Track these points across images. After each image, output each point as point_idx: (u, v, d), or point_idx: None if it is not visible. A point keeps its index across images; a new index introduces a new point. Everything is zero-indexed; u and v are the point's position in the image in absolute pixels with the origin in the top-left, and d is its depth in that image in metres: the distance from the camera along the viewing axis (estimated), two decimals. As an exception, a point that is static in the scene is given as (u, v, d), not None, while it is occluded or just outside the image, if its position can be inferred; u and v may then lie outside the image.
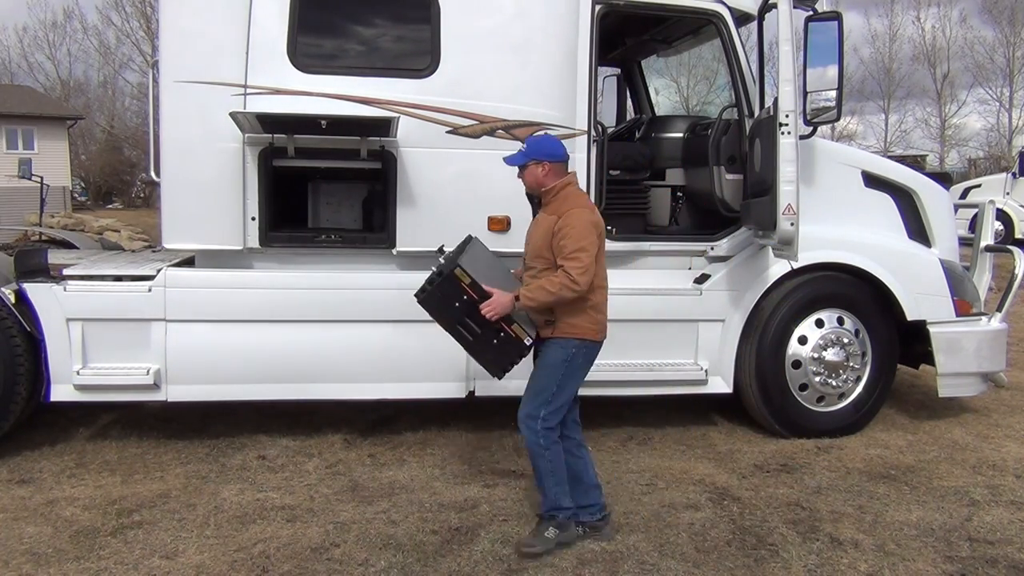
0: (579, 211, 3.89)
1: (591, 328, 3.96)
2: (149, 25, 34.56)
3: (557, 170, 4.01)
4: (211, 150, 5.09)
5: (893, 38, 43.86)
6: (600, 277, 3.97)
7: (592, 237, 3.86)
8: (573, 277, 3.79)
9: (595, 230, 3.89)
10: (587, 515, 4.09)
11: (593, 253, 3.85)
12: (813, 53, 5.11)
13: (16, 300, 5.01)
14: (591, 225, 3.87)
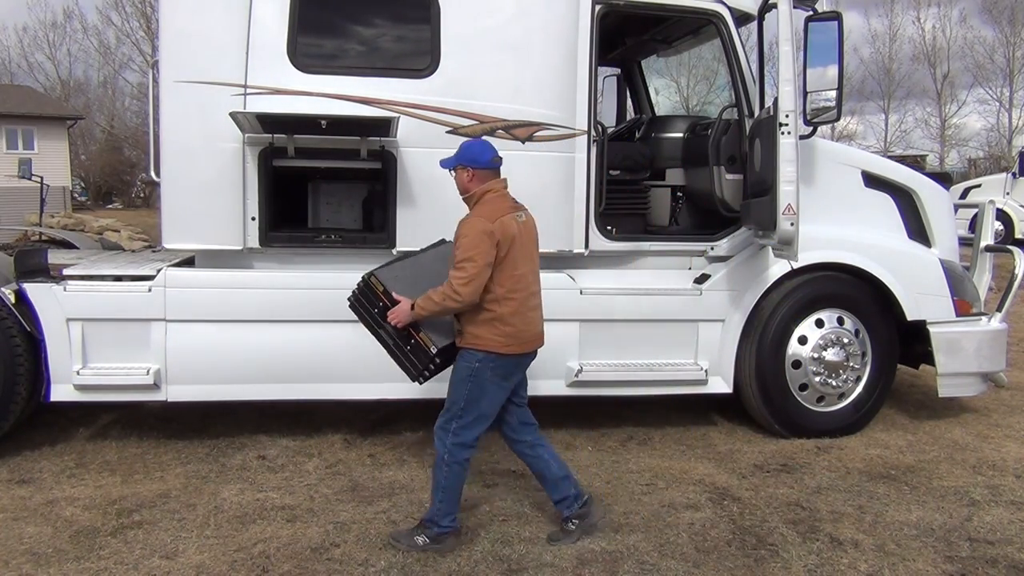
0: (475, 220, 3.80)
1: (496, 341, 3.81)
2: (149, 25, 34.56)
3: (481, 176, 3.95)
4: (211, 150, 5.09)
5: (893, 38, 43.93)
6: (509, 288, 3.80)
7: (483, 247, 3.71)
8: (455, 287, 3.72)
9: (488, 240, 3.72)
10: (566, 508, 4.09)
11: (482, 264, 3.71)
12: (813, 53, 5.11)
13: (16, 300, 5.01)
14: (483, 235, 3.72)
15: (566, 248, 5.45)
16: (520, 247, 3.83)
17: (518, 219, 3.88)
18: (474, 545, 4.01)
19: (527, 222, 3.95)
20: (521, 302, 3.85)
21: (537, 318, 3.96)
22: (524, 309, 3.86)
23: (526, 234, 3.91)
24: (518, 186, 5.29)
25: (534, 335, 3.94)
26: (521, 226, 3.88)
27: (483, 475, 4.94)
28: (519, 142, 5.28)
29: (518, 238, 3.82)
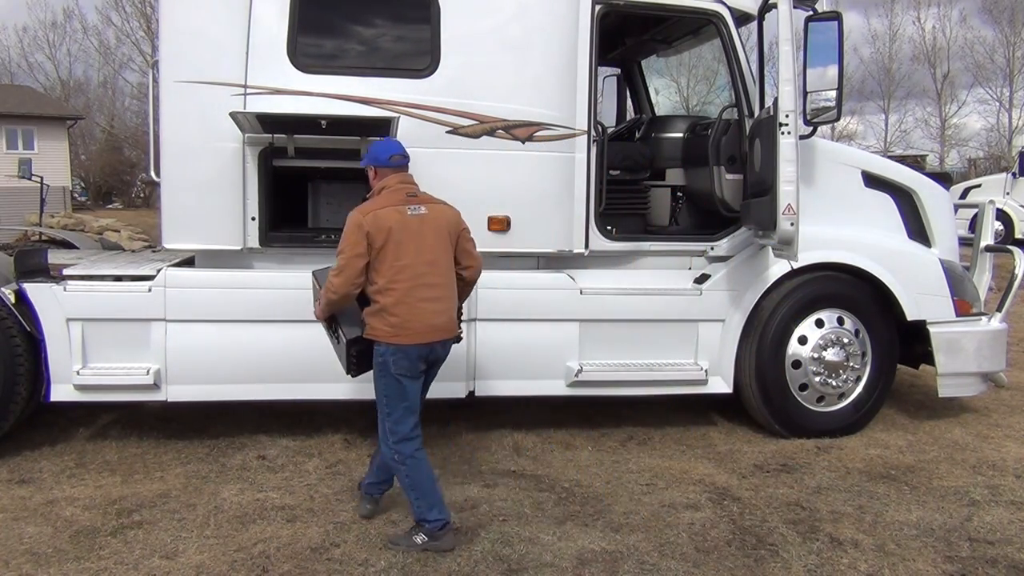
0: (351, 214, 3.89)
1: (385, 331, 3.87)
2: (149, 25, 34.51)
3: (382, 174, 4.07)
4: (211, 150, 5.09)
5: (893, 38, 43.89)
6: (389, 279, 3.85)
7: (353, 239, 3.81)
8: (329, 279, 3.87)
9: (357, 231, 3.81)
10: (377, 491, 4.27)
11: (351, 255, 3.80)
12: (813, 53, 5.11)
13: (16, 300, 5.01)
14: (353, 227, 3.82)
15: (566, 248, 5.45)
16: (406, 239, 3.85)
17: (409, 211, 3.90)
18: (474, 545, 4.01)
19: (427, 216, 3.95)
20: (405, 292, 3.85)
21: (430, 310, 3.90)
22: (410, 300, 3.86)
23: (421, 227, 3.91)
24: (518, 186, 5.34)
25: (427, 327, 3.90)
26: (413, 219, 3.90)
27: (483, 475, 4.94)
28: (519, 142, 5.28)
29: (400, 231, 3.84)
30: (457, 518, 4.28)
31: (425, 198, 4.06)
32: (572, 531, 4.18)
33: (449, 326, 4.01)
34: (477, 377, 5.39)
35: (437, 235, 3.97)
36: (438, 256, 3.96)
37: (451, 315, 4.03)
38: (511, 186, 5.34)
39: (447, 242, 4.01)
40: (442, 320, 3.96)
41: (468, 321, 5.34)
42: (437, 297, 3.95)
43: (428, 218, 3.95)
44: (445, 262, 4.00)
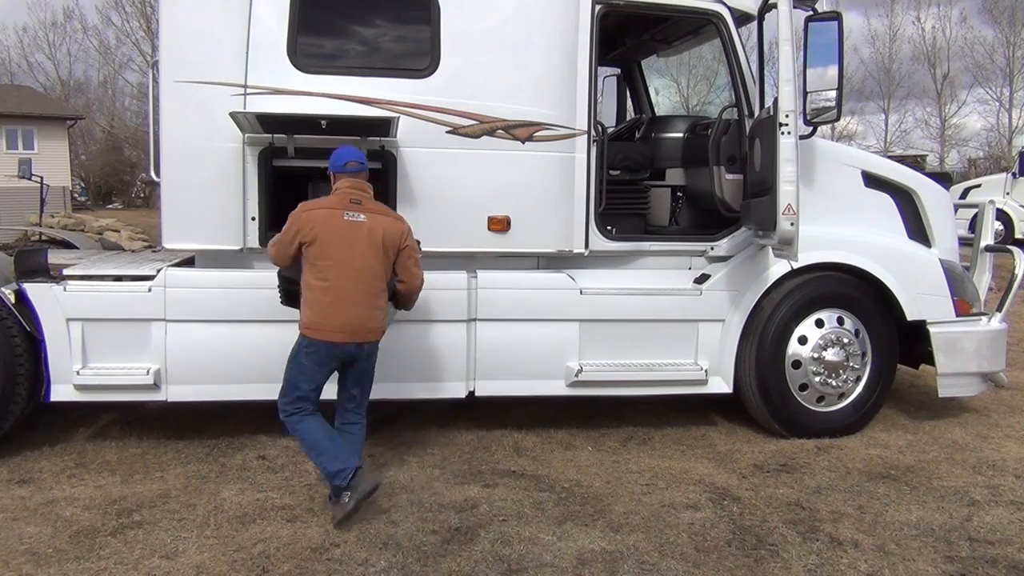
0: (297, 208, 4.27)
1: (303, 321, 4.20)
2: (149, 25, 34.59)
3: (338, 178, 4.34)
4: (211, 150, 5.09)
5: (893, 38, 43.89)
6: (311, 276, 4.15)
7: (289, 226, 4.20)
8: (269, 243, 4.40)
9: (294, 222, 4.17)
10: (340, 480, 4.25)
11: (285, 240, 4.20)
12: (813, 53, 5.11)
13: (16, 300, 5.01)
14: (293, 218, 4.21)
15: (566, 248, 5.45)
16: (334, 243, 4.09)
17: (346, 216, 4.14)
18: (474, 545, 4.01)
19: (364, 224, 4.15)
20: (322, 291, 4.11)
21: (343, 314, 4.11)
22: (324, 300, 4.11)
23: (351, 234, 4.12)
24: (518, 186, 5.34)
25: (336, 327, 4.12)
26: (348, 224, 4.12)
27: (483, 475, 4.94)
28: (519, 142, 5.28)
29: (329, 233, 4.10)
30: (457, 518, 4.29)
31: (371, 208, 4.25)
32: (572, 531, 4.18)
33: (361, 330, 4.19)
34: (477, 377, 5.39)
35: (370, 244, 4.16)
36: (361, 264, 4.14)
37: (365, 320, 4.20)
38: (511, 186, 5.35)
39: (380, 252, 4.20)
40: (359, 323, 4.17)
41: (468, 321, 5.36)
42: (355, 302, 4.15)
43: (364, 227, 4.15)
44: (372, 270, 4.16)
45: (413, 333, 5.27)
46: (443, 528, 4.18)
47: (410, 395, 5.43)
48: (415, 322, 5.28)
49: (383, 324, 4.35)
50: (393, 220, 4.32)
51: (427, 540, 4.05)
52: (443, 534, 4.12)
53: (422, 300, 5.27)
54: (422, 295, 5.28)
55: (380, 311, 4.27)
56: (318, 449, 4.20)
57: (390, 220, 4.30)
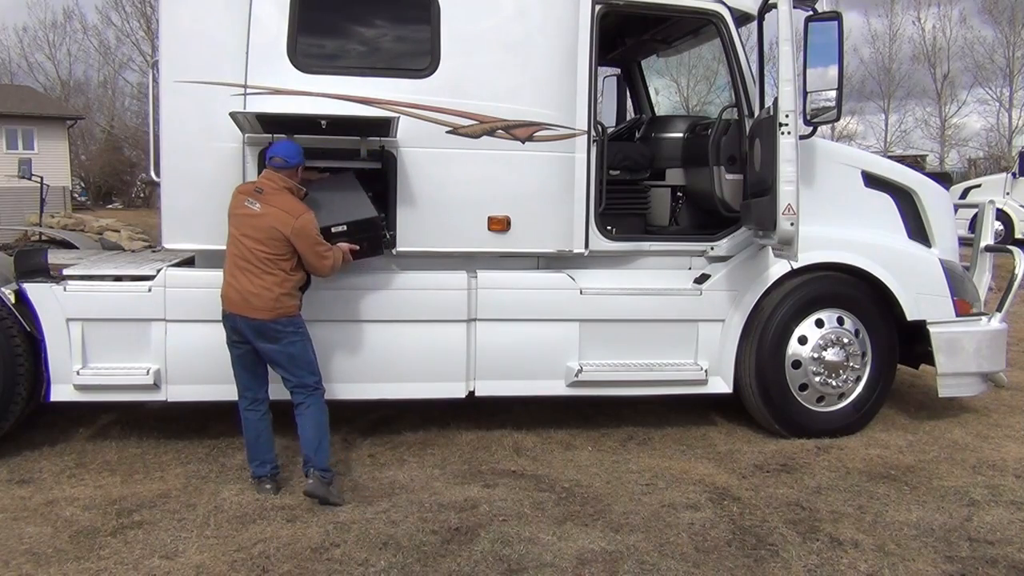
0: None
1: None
2: (149, 25, 34.59)
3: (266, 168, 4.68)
4: (211, 150, 5.08)
5: (893, 38, 43.83)
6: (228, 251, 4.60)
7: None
8: None
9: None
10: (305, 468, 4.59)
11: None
12: (813, 53, 5.11)
13: (16, 300, 5.01)
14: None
15: (566, 248, 5.45)
16: (236, 223, 4.53)
17: (247, 203, 4.50)
18: (474, 545, 4.01)
19: (259, 213, 4.46)
20: (225, 269, 4.57)
21: (231, 284, 4.51)
22: (226, 275, 4.55)
23: (250, 219, 4.47)
24: (518, 186, 5.34)
25: (232, 297, 4.51)
26: (246, 209, 4.49)
27: (483, 475, 4.94)
28: (519, 142, 5.28)
29: (236, 215, 4.54)
30: (457, 518, 4.29)
31: (272, 201, 4.49)
32: (572, 531, 4.18)
33: (242, 304, 4.47)
34: (477, 377, 5.39)
35: (261, 231, 4.46)
36: (251, 247, 4.46)
37: (247, 296, 4.45)
38: (511, 186, 5.34)
39: (270, 237, 4.46)
40: (242, 297, 4.47)
41: (468, 321, 5.35)
42: (239, 274, 4.48)
43: (259, 215, 4.46)
44: (259, 252, 4.45)
45: (413, 333, 5.27)
46: (443, 528, 4.18)
47: (410, 395, 5.43)
48: (415, 322, 5.28)
49: (274, 305, 4.47)
50: (282, 213, 4.47)
51: (427, 540, 4.05)
52: (443, 534, 4.12)
53: (422, 300, 5.29)
54: (422, 295, 5.29)
55: (267, 291, 4.45)
56: (247, 444, 4.71)
57: (282, 214, 4.47)
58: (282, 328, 4.49)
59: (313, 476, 4.49)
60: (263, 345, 4.51)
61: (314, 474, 4.49)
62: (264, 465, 4.64)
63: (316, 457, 4.52)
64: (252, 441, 4.64)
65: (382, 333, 5.26)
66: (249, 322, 4.46)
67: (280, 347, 4.51)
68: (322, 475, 4.50)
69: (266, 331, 4.48)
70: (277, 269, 4.48)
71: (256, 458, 4.64)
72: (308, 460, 4.54)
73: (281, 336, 4.50)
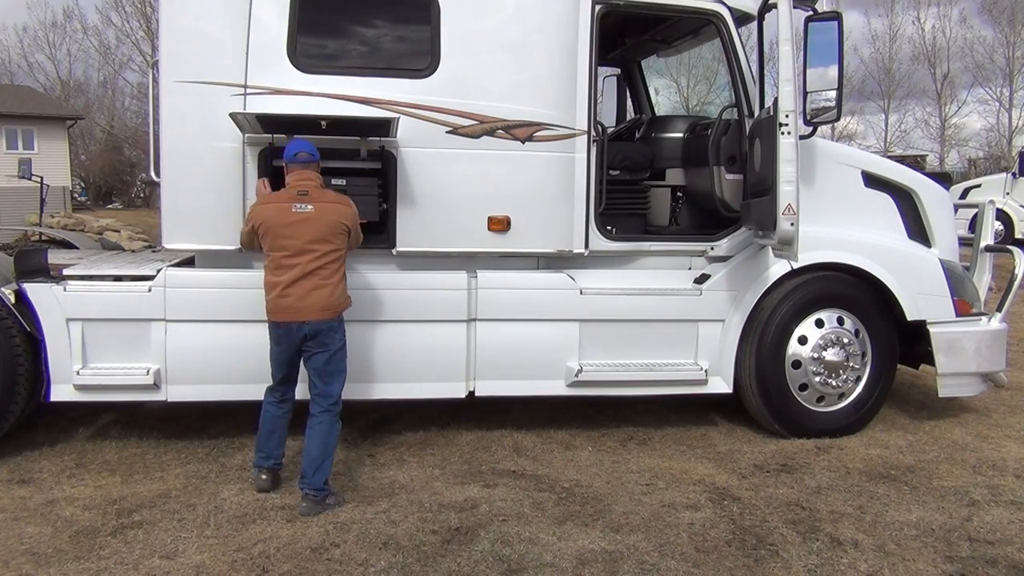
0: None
1: (266, 307, 4.51)
2: (149, 25, 34.52)
3: (290, 169, 4.59)
4: (211, 150, 5.08)
5: (893, 38, 43.81)
6: (265, 266, 4.51)
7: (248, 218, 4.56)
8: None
9: (251, 214, 4.54)
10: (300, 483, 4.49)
11: (245, 232, 4.57)
12: (813, 53, 5.11)
13: (16, 300, 5.01)
14: (251, 211, 4.59)
15: (566, 248, 5.45)
16: (283, 233, 4.37)
17: (295, 208, 4.38)
18: (474, 545, 4.01)
19: (315, 213, 4.39)
20: (272, 279, 4.43)
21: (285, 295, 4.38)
22: (275, 286, 4.41)
23: (306, 222, 4.37)
24: (518, 186, 5.34)
25: (280, 308, 4.42)
26: (296, 215, 4.37)
27: (483, 475, 4.94)
28: (519, 142, 5.28)
29: (278, 226, 4.37)
30: (457, 518, 4.29)
31: (322, 197, 4.47)
32: (572, 531, 4.18)
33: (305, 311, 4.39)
34: (477, 377, 5.39)
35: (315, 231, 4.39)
36: (309, 249, 4.38)
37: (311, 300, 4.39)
38: (511, 186, 5.34)
39: (334, 233, 4.44)
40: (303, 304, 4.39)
41: (468, 321, 5.36)
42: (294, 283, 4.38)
43: (311, 216, 4.39)
44: (321, 250, 4.39)
45: (413, 333, 5.27)
46: (443, 528, 4.18)
47: (410, 395, 5.43)
48: (415, 322, 5.28)
49: (337, 303, 4.50)
50: (338, 205, 4.51)
51: (427, 540, 4.05)
52: (443, 534, 4.12)
53: (422, 300, 5.29)
54: (422, 295, 5.30)
55: (331, 290, 4.46)
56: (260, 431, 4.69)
57: (337, 205, 4.51)
58: (336, 327, 4.50)
59: (306, 498, 4.37)
60: (315, 350, 4.46)
61: (308, 496, 4.37)
62: (268, 459, 4.65)
63: (314, 476, 4.38)
64: (265, 434, 4.63)
65: (382, 333, 5.26)
66: (306, 327, 4.40)
67: (329, 353, 4.48)
68: (315, 495, 4.37)
69: (321, 332, 4.44)
70: (338, 264, 4.48)
71: (263, 450, 4.64)
72: (304, 476, 4.41)
73: (331, 341, 4.48)
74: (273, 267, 4.43)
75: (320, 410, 4.49)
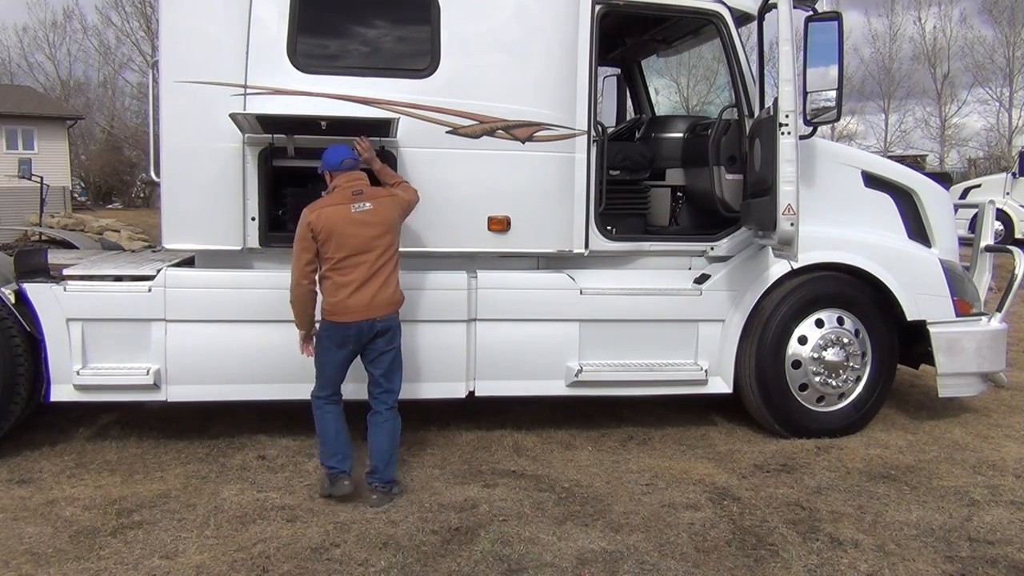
0: (304, 211, 4.48)
1: (324, 310, 4.47)
2: (149, 25, 34.58)
3: (333, 176, 4.58)
4: (211, 150, 5.09)
5: (893, 38, 43.84)
6: (327, 269, 4.43)
7: (299, 236, 4.43)
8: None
9: (308, 231, 4.39)
10: (371, 478, 4.58)
11: (298, 250, 4.43)
12: (813, 53, 5.11)
13: (16, 300, 5.01)
14: (302, 227, 4.42)
15: (566, 248, 5.45)
16: (347, 232, 4.37)
17: (355, 208, 4.41)
18: (474, 545, 4.01)
19: (375, 209, 4.45)
20: (339, 280, 4.40)
21: (359, 295, 4.40)
22: (344, 286, 4.39)
23: (369, 220, 4.42)
24: (518, 186, 5.34)
25: (353, 307, 4.40)
26: (355, 215, 4.40)
27: (483, 475, 4.94)
28: (519, 142, 5.28)
29: (341, 228, 4.36)
30: (457, 518, 4.29)
31: (375, 193, 4.54)
32: (572, 531, 4.18)
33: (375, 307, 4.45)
34: (477, 377, 5.39)
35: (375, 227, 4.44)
36: (372, 248, 4.42)
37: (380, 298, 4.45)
38: (511, 186, 5.35)
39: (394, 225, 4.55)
40: (378, 301, 4.45)
41: (468, 321, 5.36)
42: (367, 282, 4.42)
43: (370, 213, 4.44)
44: (384, 245, 4.46)
45: (413, 333, 5.27)
46: (443, 528, 4.19)
47: (410, 395, 5.41)
48: (415, 322, 5.28)
49: (399, 298, 4.60)
50: (391, 197, 4.61)
51: (427, 540, 4.05)
52: (443, 534, 4.12)
53: (422, 300, 5.29)
54: (422, 295, 5.30)
55: (394, 284, 4.55)
56: (323, 439, 4.61)
57: (390, 198, 4.60)
58: (397, 324, 4.59)
59: (378, 491, 4.49)
60: (380, 347, 4.52)
61: (379, 488, 4.50)
62: (346, 460, 4.55)
63: (385, 471, 4.53)
64: (332, 436, 4.55)
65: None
66: (376, 323, 4.46)
67: (395, 348, 4.58)
68: (386, 487, 4.52)
69: (388, 328, 4.52)
70: (395, 255, 4.56)
71: (337, 452, 4.54)
72: (375, 471, 4.53)
73: (396, 335, 4.59)
74: (336, 268, 4.40)
75: (386, 407, 4.61)
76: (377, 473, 4.53)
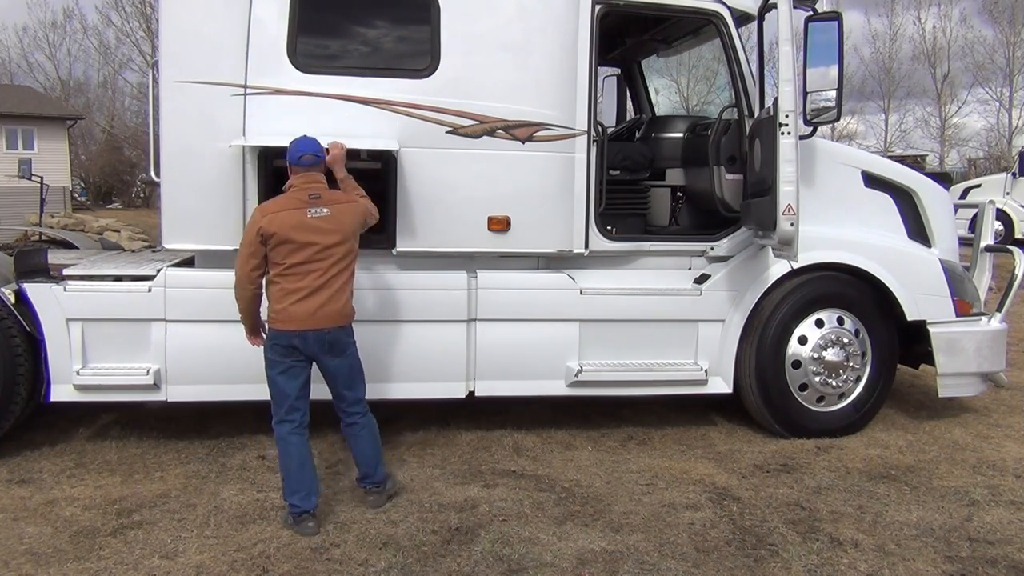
0: (255, 210, 4.30)
1: (269, 316, 4.22)
2: (149, 25, 34.56)
3: (294, 171, 4.31)
4: (211, 150, 5.08)
5: (893, 38, 43.81)
6: (275, 274, 4.17)
7: (247, 240, 4.18)
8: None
9: (256, 236, 4.12)
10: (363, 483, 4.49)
11: (245, 254, 4.17)
12: (813, 53, 5.11)
13: (16, 300, 5.01)
14: (251, 230, 4.17)
15: (566, 248, 5.45)
16: (300, 241, 4.10)
17: (311, 213, 4.14)
18: (474, 545, 4.01)
19: (332, 215, 4.18)
20: (287, 287, 4.14)
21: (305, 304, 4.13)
22: (291, 293, 4.13)
23: (324, 227, 4.15)
24: (518, 186, 5.34)
25: (301, 315, 4.13)
26: (310, 220, 4.13)
27: (483, 475, 4.94)
28: (519, 142, 5.28)
29: (294, 234, 4.09)
30: (457, 518, 4.29)
31: (334, 198, 4.28)
32: (572, 531, 4.18)
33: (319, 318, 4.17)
34: (477, 377, 5.39)
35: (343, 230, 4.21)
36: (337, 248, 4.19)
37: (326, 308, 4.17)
38: (511, 186, 5.34)
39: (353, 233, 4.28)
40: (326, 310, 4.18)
41: (468, 321, 5.35)
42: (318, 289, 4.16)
43: (327, 219, 4.17)
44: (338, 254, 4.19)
45: (413, 333, 5.27)
46: (443, 528, 4.19)
47: (410, 395, 5.43)
48: (415, 322, 5.28)
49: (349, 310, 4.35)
50: (351, 203, 4.35)
51: (427, 540, 4.06)
52: (443, 534, 4.12)
53: (422, 300, 5.29)
54: (422, 295, 5.30)
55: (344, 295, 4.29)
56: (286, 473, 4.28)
57: (351, 204, 4.35)
58: (348, 337, 4.33)
59: (371, 493, 4.46)
60: (330, 360, 4.27)
61: (373, 490, 4.46)
62: (310, 497, 4.19)
63: (376, 472, 4.46)
64: (297, 469, 4.20)
65: (382, 333, 5.25)
66: (323, 335, 4.19)
67: (346, 360, 4.33)
68: (379, 487, 4.48)
69: (337, 342, 4.26)
70: (350, 267, 4.30)
71: (302, 488, 4.18)
72: (367, 476, 4.47)
73: (347, 346, 4.32)
74: (285, 274, 4.14)
75: (359, 415, 4.43)
76: (369, 478, 4.47)
